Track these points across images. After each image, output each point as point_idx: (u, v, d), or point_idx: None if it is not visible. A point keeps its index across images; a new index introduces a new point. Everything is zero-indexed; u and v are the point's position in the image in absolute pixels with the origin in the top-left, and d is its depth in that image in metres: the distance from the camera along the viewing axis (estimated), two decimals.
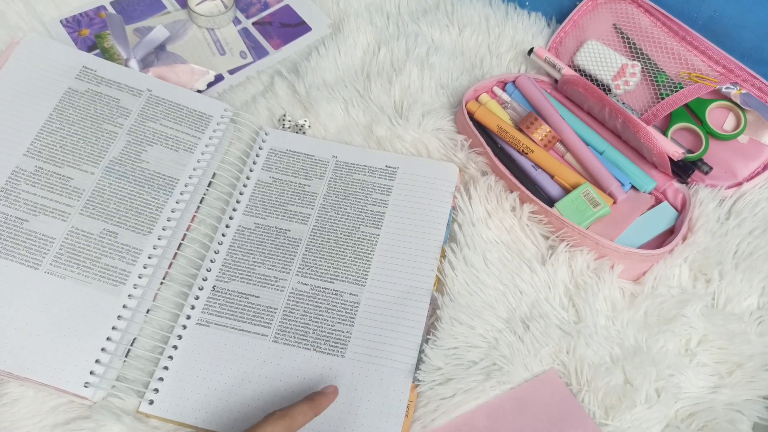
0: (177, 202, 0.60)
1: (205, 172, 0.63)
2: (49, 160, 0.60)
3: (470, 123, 0.64)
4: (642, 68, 0.67)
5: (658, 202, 0.62)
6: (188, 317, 0.56)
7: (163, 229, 0.59)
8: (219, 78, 0.73)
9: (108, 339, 0.53)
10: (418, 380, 0.53)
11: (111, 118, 0.63)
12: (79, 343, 0.52)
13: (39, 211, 0.57)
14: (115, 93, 0.65)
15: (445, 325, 0.55)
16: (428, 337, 0.55)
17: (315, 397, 0.49)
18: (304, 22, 0.79)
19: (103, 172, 0.60)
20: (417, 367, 0.53)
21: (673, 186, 0.62)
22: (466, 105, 0.66)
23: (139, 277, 0.56)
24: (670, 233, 0.60)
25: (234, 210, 0.62)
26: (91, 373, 0.51)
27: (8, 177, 0.58)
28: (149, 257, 0.57)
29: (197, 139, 0.64)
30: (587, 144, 0.64)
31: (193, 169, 0.63)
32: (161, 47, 0.75)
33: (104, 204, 0.59)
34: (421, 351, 0.54)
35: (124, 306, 0.54)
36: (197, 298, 0.57)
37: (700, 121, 0.64)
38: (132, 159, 0.62)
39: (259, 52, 0.76)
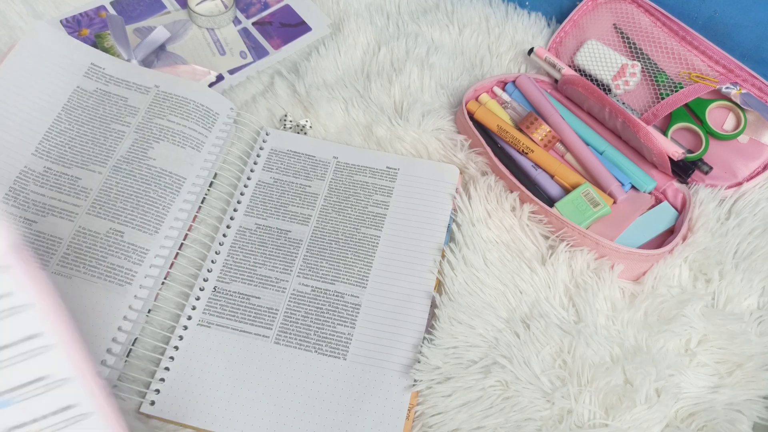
0: (184, 202, 0.60)
1: (210, 172, 0.63)
2: (57, 160, 0.60)
3: (470, 123, 0.64)
4: (642, 68, 0.67)
5: (658, 202, 0.62)
6: (189, 318, 0.56)
7: (170, 229, 0.59)
8: (219, 78, 0.73)
9: (113, 340, 0.53)
10: (415, 379, 0.53)
11: (119, 117, 0.63)
12: (86, 344, 0.52)
13: (47, 212, 0.57)
14: (124, 92, 0.65)
15: (443, 324, 0.55)
16: (426, 336, 0.55)
17: None
18: (304, 22, 0.79)
19: (110, 171, 0.60)
20: (413, 367, 0.53)
21: (673, 186, 0.62)
22: (466, 105, 0.66)
23: (145, 278, 0.56)
24: (670, 233, 0.60)
25: (235, 210, 0.62)
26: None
27: (16, 177, 0.58)
28: (156, 257, 0.57)
29: (204, 137, 0.64)
30: (587, 144, 0.64)
31: (201, 169, 0.63)
32: (161, 47, 0.75)
33: (111, 203, 0.59)
34: (419, 350, 0.54)
35: (130, 307, 0.54)
36: (198, 298, 0.57)
37: (700, 121, 0.64)
38: (139, 157, 0.61)
39: (259, 52, 0.76)
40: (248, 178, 0.64)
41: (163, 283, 0.57)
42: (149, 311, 0.56)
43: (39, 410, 0.35)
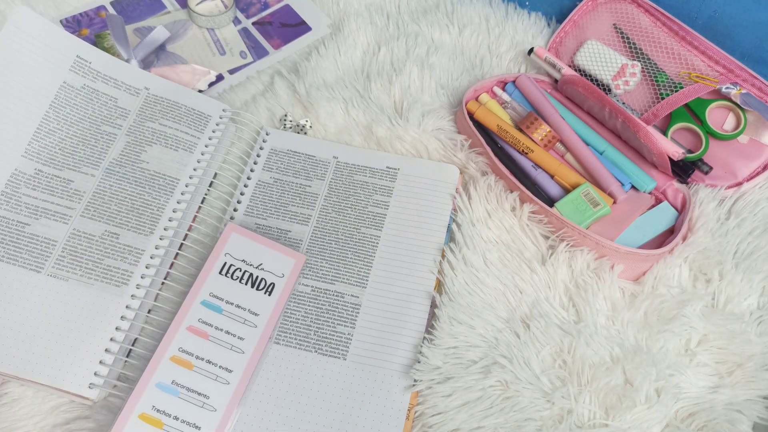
0: (178, 203, 0.60)
1: (206, 172, 0.63)
2: (48, 162, 0.59)
3: (470, 123, 0.64)
4: (642, 68, 0.67)
5: (658, 202, 0.62)
6: None
7: (164, 230, 0.59)
8: (219, 78, 0.73)
9: (111, 340, 0.53)
10: (415, 379, 0.53)
11: (110, 119, 0.63)
12: (83, 344, 0.52)
13: (40, 214, 0.57)
14: (113, 91, 0.64)
15: (443, 324, 0.55)
16: (426, 336, 0.55)
17: None
18: (304, 22, 0.79)
19: (103, 174, 0.60)
20: (413, 367, 0.53)
21: (673, 186, 0.62)
22: (466, 105, 0.66)
23: (142, 278, 0.56)
24: (670, 233, 0.60)
25: (235, 210, 0.62)
26: (95, 374, 0.51)
27: (8, 180, 0.58)
28: (151, 257, 0.57)
29: (197, 138, 0.64)
30: (587, 144, 0.64)
31: (194, 169, 0.63)
32: (161, 47, 0.75)
33: (105, 205, 0.59)
34: (419, 350, 0.54)
35: (127, 306, 0.54)
36: None
37: (700, 121, 0.64)
38: (132, 160, 0.62)
39: (259, 52, 0.76)
40: (248, 178, 0.64)
41: (163, 284, 0.57)
42: (149, 311, 0.56)
43: None
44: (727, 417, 0.51)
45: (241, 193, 0.63)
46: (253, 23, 0.79)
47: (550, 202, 0.61)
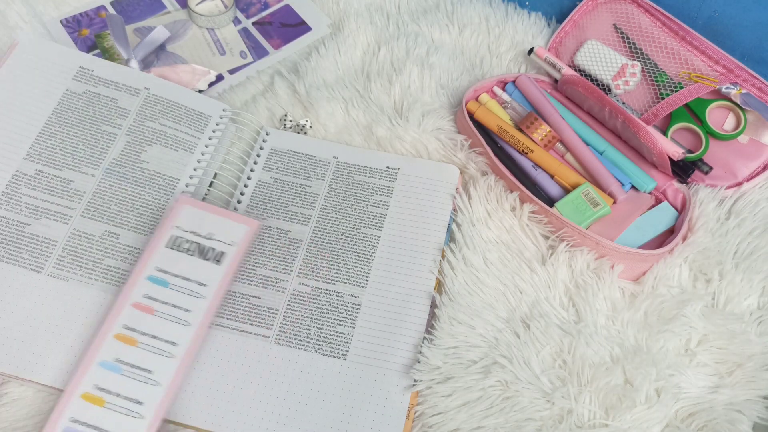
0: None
1: (206, 172, 0.63)
2: (49, 163, 0.60)
3: (470, 123, 0.64)
4: (642, 68, 0.67)
5: (658, 202, 0.62)
6: None
7: None
8: (219, 78, 0.73)
9: None
10: (415, 379, 0.53)
11: (110, 119, 0.63)
12: (84, 345, 0.52)
13: (40, 214, 0.57)
14: (113, 93, 0.65)
15: (443, 324, 0.55)
16: (426, 336, 0.55)
17: None
18: (304, 22, 0.79)
19: (103, 174, 0.60)
20: (413, 367, 0.53)
21: (673, 186, 0.62)
22: (466, 105, 0.66)
23: None
24: (670, 233, 0.60)
25: (235, 210, 0.62)
26: None
27: (8, 181, 0.58)
28: None
29: (197, 138, 0.64)
30: (587, 144, 0.64)
31: (194, 169, 0.63)
32: (161, 47, 0.75)
33: (105, 205, 0.59)
34: (419, 350, 0.54)
35: None
36: None
37: (700, 121, 0.64)
38: (132, 159, 0.62)
39: (259, 52, 0.76)
40: (248, 178, 0.64)
41: None
42: None
43: None
44: (727, 417, 0.51)
45: (241, 193, 0.63)
46: (253, 23, 0.79)
47: (550, 202, 0.61)
